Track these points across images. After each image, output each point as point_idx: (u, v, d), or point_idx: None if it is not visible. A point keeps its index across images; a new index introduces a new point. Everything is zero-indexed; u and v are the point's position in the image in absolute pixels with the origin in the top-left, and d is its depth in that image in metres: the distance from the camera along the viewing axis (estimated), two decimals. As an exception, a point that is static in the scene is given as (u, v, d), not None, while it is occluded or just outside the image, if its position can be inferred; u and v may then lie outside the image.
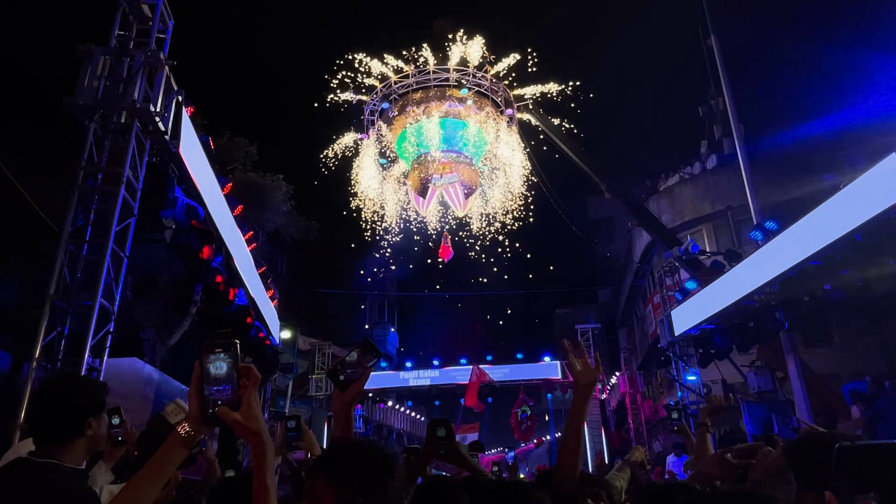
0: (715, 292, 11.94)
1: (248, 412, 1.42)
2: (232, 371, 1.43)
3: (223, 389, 1.42)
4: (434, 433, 2.51)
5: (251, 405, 1.42)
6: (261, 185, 17.91)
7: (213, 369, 1.43)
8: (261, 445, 1.43)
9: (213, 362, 1.44)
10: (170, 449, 1.46)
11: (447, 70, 16.74)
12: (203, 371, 1.42)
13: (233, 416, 1.40)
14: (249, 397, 1.43)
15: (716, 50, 14.10)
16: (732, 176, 15.84)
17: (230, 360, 1.44)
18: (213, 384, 1.43)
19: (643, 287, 23.63)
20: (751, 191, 12.82)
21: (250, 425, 1.41)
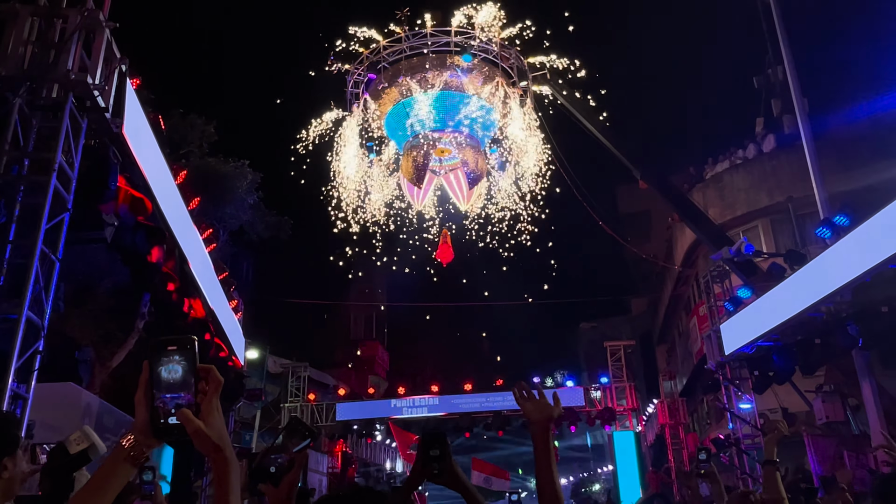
0: (773, 302, 11.94)
1: (209, 421, 1.42)
2: (189, 375, 1.43)
3: (178, 397, 1.42)
4: (427, 452, 2.52)
5: (212, 413, 1.43)
6: (221, 172, 17.96)
7: (166, 373, 1.42)
8: (224, 462, 1.44)
9: (166, 364, 1.43)
10: (112, 466, 1.45)
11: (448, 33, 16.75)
12: (153, 374, 1.42)
13: (195, 424, 1.40)
14: (210, 405, 1.43)
15: (773, 7, 14.11)
16: (794, 161, 15.84)
17: (186, 362, 1.43)
18: (166, 390, 1.42)
19: (686, 296, 23.63)
20: (817, 178, 12.82)
21: (211, 436, 1.42)
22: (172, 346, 1.44)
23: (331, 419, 24.49)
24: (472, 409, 24.05)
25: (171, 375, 1.42)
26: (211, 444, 1.42)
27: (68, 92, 6.80)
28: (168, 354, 1.44)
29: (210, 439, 1.42)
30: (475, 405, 24.12)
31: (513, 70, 18.07)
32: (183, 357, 1.44)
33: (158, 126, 9.36)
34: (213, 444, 1.42)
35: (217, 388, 1.45)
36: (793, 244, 16.18)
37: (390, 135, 18.99)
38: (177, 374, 1.43)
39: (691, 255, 21.58)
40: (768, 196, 18.45)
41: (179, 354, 1.44)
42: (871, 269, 9.36)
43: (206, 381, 1.45)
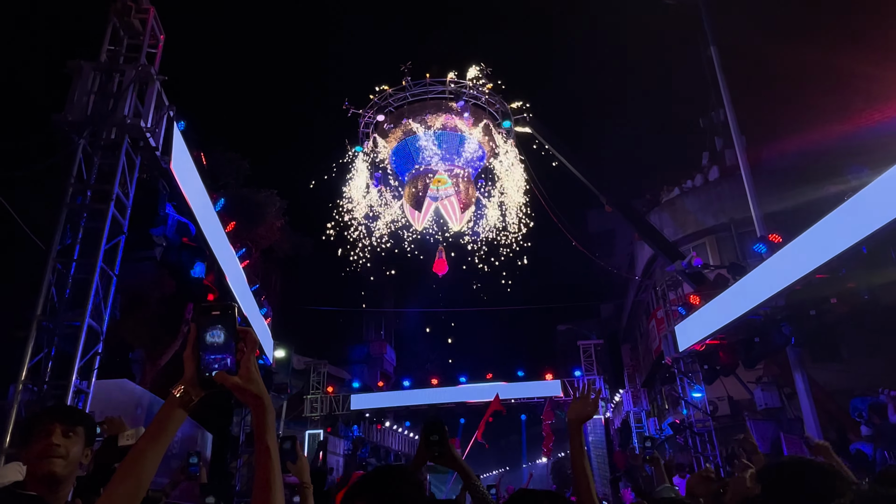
0: (719, 307, 11.94)
1: (248, 375, 1.43)
2: (229, 339, 1.43)
3: (221, 358, 1.42)
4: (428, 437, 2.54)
5: (250, 369, 1.44)
6: (254, 200, 17.97)
7: (209, 337, 1.42)
8: (261, 408, 1.45)
9: (209, 329, 1.43)
10: (168, 411, 1.46)
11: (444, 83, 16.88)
12: (198, 337, 1.42)
13: (232, 380, 1.41)
14: (248, 361, 1.44)
15: (715, 60, 14.25)
16: (735, 188, 15.92)
17: (228, 326, 1.43)
18: (210, 352, 1.42)
19: (646, 302, 23.62)
20: (753, 202, 12.88)
21: (250, 388, 1.43)
22: (216, 311, 1.44)
23: (346, 408, 24.35)
24: (466, 399, 23.95)
25: (214, 340, 1.43)
26: (250, 394, 1.43)
27: (124, 134, 6.83)
28: (212, 318, 1.44)
29: (249, 390, 1.43)
30: (469, 395, 24.02)
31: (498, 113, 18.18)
32: (224, 322, 1.44)
33: (200, 162, 9.37)
34: (252, 394, 1.43)
35: (253, 347, 1.47)
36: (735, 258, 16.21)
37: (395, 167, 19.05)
38: (219, 338, 1.43)
39: (650, 268, 21.61)
40: (714, 217, 18.51)
41: (221, 318, 1.44)
42: (800, 279, 9.39)
43: (244, 341, 1.46)
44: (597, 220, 31.01)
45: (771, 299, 10.28)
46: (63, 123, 6.59)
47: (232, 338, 1.43)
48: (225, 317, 1.44)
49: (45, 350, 5.93)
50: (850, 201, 8.34)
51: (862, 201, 8.13)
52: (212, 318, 1.43)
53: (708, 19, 14.70)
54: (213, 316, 1.44)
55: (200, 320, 1.43)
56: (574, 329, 33.58)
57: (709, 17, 14.72)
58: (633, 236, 22.72)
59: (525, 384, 24.07)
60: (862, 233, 7.99)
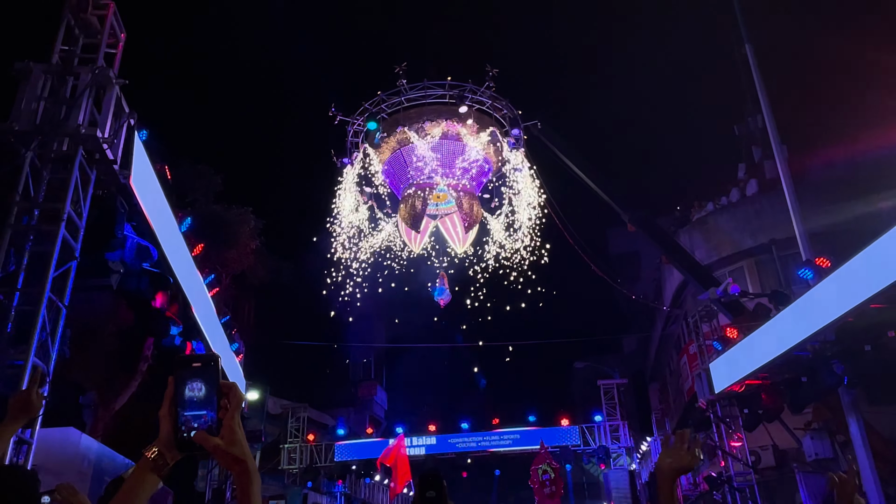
0: (760, 341, 11.90)
1: (231, 437, 1.44)
2: (211, 393, 1.44)
3: (201, 414, 1.43)
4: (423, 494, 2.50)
5: (234, 429, 1.45)
6: (225, 219, 18.03)
7: (189, 391, 1.44)
8: (246, 474, 1.46)
9: (190, 382, 1.44)
10: (139, 476, 1.49)
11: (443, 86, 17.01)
12: (177, 392, 1.44)
13: (213, 442, 1.42)
14: (231, 420, 1.46)
15: (751, 59, 14.40)
16: (775, 203, 15.97)
17: (210, 380, 1.45)
18: (190, 408, 1.43)
19: (676, 335, 23.55)
20: (797, 220, 12.90)
21: (233, 451, 1.44)
22: (197, 363, 1.46)
23: (330, 459, 24.11)
24: (469, 449, 23.75)
25: (195, 394, 1.44)
26: (232, 458, 1.45)
27: (78, 145, 6.88)
28: (192, 372, 1.45)
29: (231, 454, 1.44)
30: (472, 444, 23.83)
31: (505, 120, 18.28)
32: (206, 375, 1.45)
33: (165, 176, 9.43)
34: (235, 457, 1.45)
35: (238, 405, 1.48)
36: (777, 284, 16.21)
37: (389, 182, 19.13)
38: (200, 392, 1.44)
39: (680, 295, 21.58)
40: (752, 238, 18.54)
41: (203, 372, 1.45)
42: (853, 309, 9.36)
43: (227, 397, 1.47)
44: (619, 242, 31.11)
45: (819, 332, 10.24)
46: (8, 133, 6.64)
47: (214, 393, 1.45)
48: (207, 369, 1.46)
49: (-19, 394, 5.90)
50: (908, 220, 8.37)
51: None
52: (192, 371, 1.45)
53: (742, 14, 14.90)
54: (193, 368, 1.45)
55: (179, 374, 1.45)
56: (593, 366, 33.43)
57: (743, 12, 14.93)
58: (659, 259, 22.75)
59: (537, 432, 23.87)
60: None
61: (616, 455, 22.93)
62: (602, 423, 23.24)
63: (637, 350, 33.29)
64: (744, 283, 17.25)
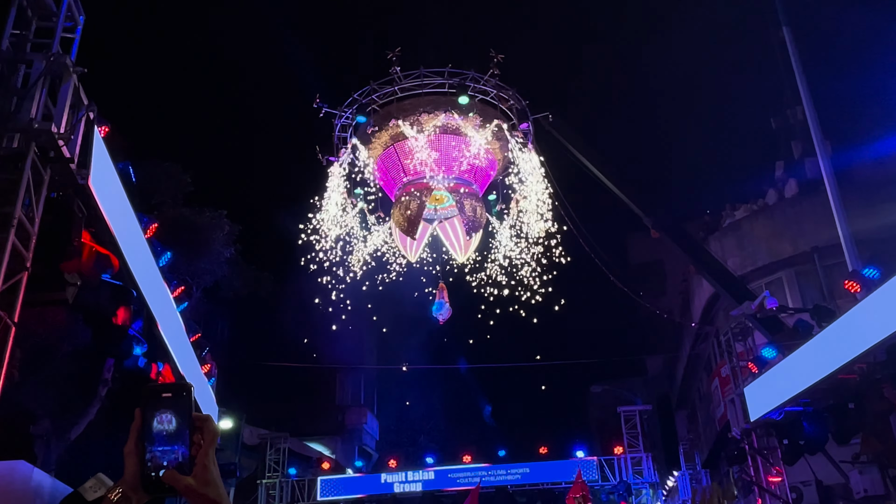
0: (801, 362, 11.91)
1: (205, 476, 1.45)
2: (183, 426, 1.45)
3: (172, 450, 1.44)
4: None
5: (208, 467, 1.46)
6: (196, 223, 18.07)
7: (158, 423, 1.45)
8: None
9: (159, 414, 1.45)
10: None
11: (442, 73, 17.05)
12: (144, 424, 1.44)
13: (185, 482, 1.42)
14: (205, 457, 1.46)
15: (789, 44, 14.47)
16: (818, 206, 15.99)
17: (181, 412, 1.46)
18: (159, 443, 1.44)
19: (706, 355, 23.54)
20: (842, 225, 12.94)
21: (208, 493, 1.44)
22: (167, 394, 1.47)
23: (313, 497, 24.05)
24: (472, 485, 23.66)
25: (165, 427, 1.45)
26: (206, 500, 1.45)
27: (31, 142, 6.89)
28: (162, 403, 1.46)
29: (204, 495, 1.44)
30: (475, 480, 23.74)
31: (512, 111, 18.32)
32: (177, 406, 1.46)
33: (129, 177, 9.46)
34: (209, 499, 1.45)
35: (213, 440, 1.49)
36: (820, 298, 16.21)
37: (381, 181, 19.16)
38: (171, 425, 1.45)
39: (710, 311, 21.57)
40: (792, 245, 18.56)
41: (174, 403, 1.46)
42: (906, 326, 9.39)
43: (201, 432, 1.47)
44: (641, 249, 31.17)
45: (869, 352, 10.25)
46: (-49, 128, 6.67)
47: (186, 426, 1.45)
48: (178, 400, 1.47)
49: (-81, 422, 5.91)
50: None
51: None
52: (162, 402, 1.46)
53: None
54: (163, 399, 1.46)
55: (148, 405, 1.46)
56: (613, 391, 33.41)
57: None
58: (687, 270, 22.76)
59: (549, 465, 23.82)
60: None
61: (639, 492, 22.87)
62: (623, 455, 23.19)
63: (662, 372, 33.27)
64: (782, 297, 17.26)
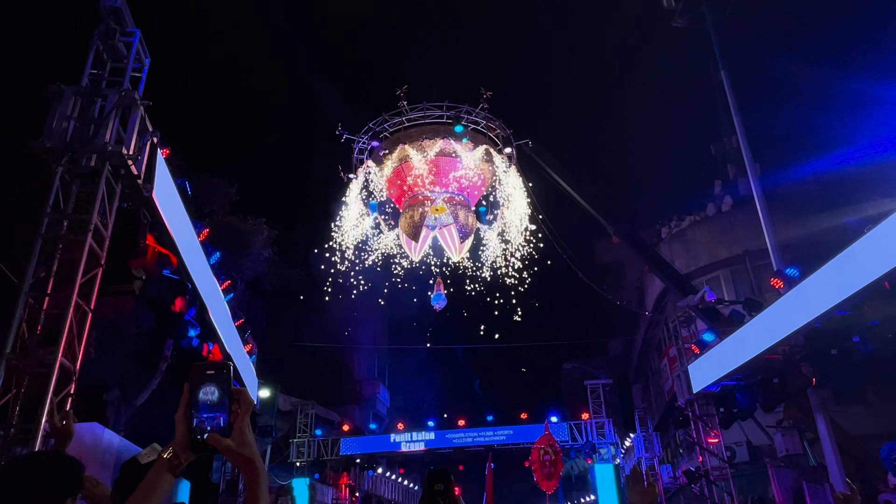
0: (735, 345, 11.92)
1: (241, 438, 1.46)
2: (224, 397, 1.47)
3: (214, 417, 1.46)
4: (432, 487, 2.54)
5: (244, 431, 1.47)
6: (240, 229, 18.05)
7: (203, 395, 1.46)
8: (254, 473, 1.49)
9: (204, 386, 1.47)
10: (155, 475, 1.50)
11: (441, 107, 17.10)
12: (192, 396, 1.46)
13: (225, 443, 1.45)
14: (242, 423, 1.48)
15: (726, 84, 14.49)
16: (749, 217, 16.03)
17: (222, 385, 1.47)
18: (204, 411, 1.46)
19: (657, 338, 23.55)
20: (769, 233, 12.96)
21: (243, 452, 1.46)
22: (210, 371, 1.48)
23: (335, 454, 24.03)
24: (465, 444, 23.68)
25: (209, 397, 1.46)
26: (242, 458, 1.47)
27: (105, 161, 6.91)
28: (206, 378, 1.48)
29: (241, 454, 1.46)
30: (468, 440, 23.76)
31: (499, 138, 18.37)
32: (219, 380, 1.48)
33: (185, 190, 9.46)
34: (244, 458, 1.47)
35: (248, 409, 1.50)
36: (750, 292, 16.24)
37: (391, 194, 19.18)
38: (213, 396, 1.46)
39: (661, 302, 21.60)
40: (727, 249, 18.59)
41: (216, 378, 1.48)
42: (820, 316, 9.39)
43: (238, 402, 1.49)
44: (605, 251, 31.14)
45: (790, 337, 10.27)
46: (40, 150, 6.67)
47: (226, 397, 1.47)
48: (220, 376, 1.48)
49: (13, 390, 5.90)
50: (871, 233, 8.40)
51: (884, 233, 8.20)
52: (206, 377, 1.48)
53: (718, 42, 15.01)
54: (207, 375, 1.48)
55: (194, 379, 1.47)
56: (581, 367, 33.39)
57: (719, 40, 15.04)
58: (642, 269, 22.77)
59: (528, 428, 23.80)
60: (885, 267, 8.04)
61: (602, 450, 22.88)
62: (589, 420, 23.19)
63: (621, 352, 33.28)
64: (720, 291, 17.28)
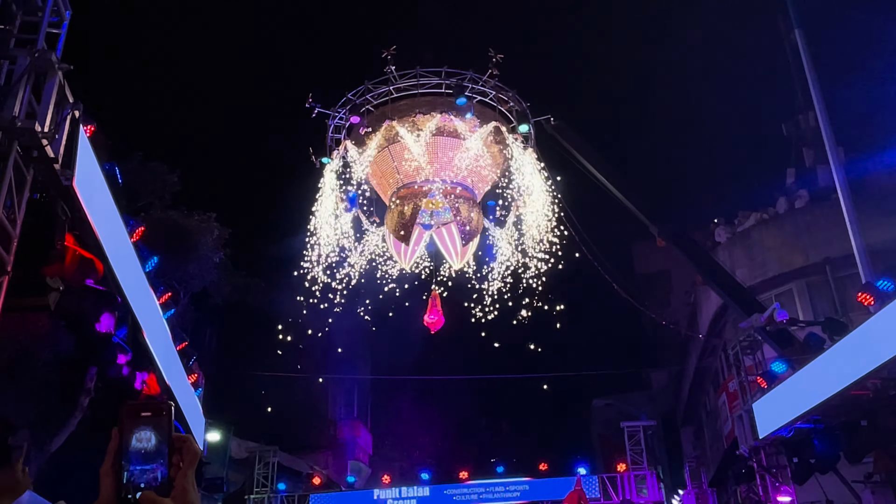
0: (812, 377, 11.92)
1: (184, 498, 1.46)
2: (162, 445, 1.47)
3: (150, 470, 1.45)
4: None
5: (187, 489, 1.47)
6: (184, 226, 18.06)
7: (137, 442, 1.46)
8: None
9: (138, 431, 1.47)
10: None
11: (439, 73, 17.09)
12: (122, 443, 1.46)
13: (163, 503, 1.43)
14: (184, 478, 1.47)
15: (801, 47, 14.53)
16: (830, 216, 16.05)
17: (161, 430, 1.48)
18: (136, 462, 1.45)
19: (713, 369, 23.55)
20: (855, 235, 12.97)
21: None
22: (146, 412, 1.49)
23: (304, 514, 24.03)
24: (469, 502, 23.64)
25: (143, 444, 1.46)
26: None
27: (13, 140, 6.89)
28: (140, 421, 1.48)
29: None
30: (473, 497, 23.72)
31: (512, 113, 18.34)
32: (157, 424, 1.48)
33: (115, 178, 9.47)
34: None
35: (193, 461, 1.50)
36: (832, 310, 16.24)
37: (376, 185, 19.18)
38: (150, 443, 1.47)
39: (717, 323, 21.60)
40: (803, 256, 18.61)
41: (153, 421, 1.48)
42: (920, 341, 9.41)
43: (181, 452, 1.49)
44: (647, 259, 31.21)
45: (882, 367, 10.26)
46: (-70, 126, 6.67)
47: (165, 445, 1.47)
48: (158, 418, 1.49)
49: None
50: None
51: None
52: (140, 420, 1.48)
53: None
54: (141, 417, 1.48)
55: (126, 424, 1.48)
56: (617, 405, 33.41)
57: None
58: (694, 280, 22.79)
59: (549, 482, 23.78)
60: None
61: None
62: (627, 472, 23.16)
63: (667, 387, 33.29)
64: (793, 309, 17.29)
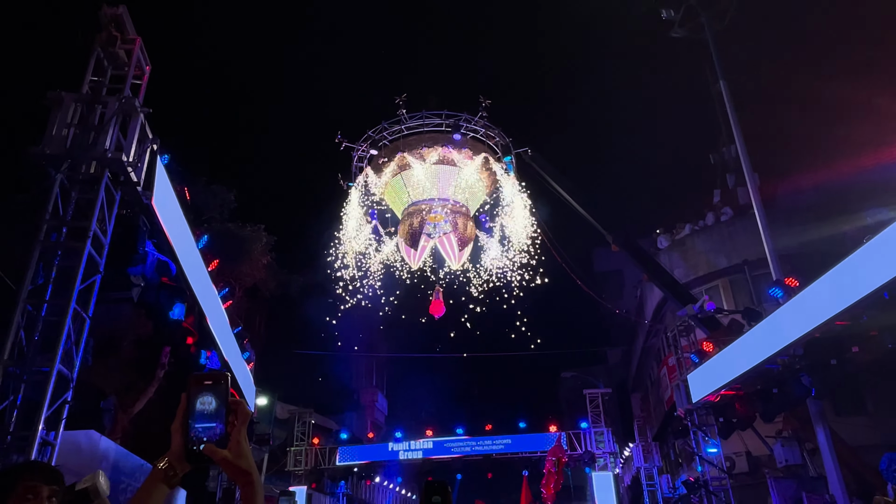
0: (734, 354, 11.92)
1: (238, 450, 1.46)
2: (221, 407, 1.47)
3: (211, 427, 1.46)
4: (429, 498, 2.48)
5: (240, 442, 1.47)
6: (239, 236, 18.05)
7: (200, 404, 1.47)
8: (250, 485, 1.48)
9: (201, 396, 1.47)
10: (149, 486, 1.49)
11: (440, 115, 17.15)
12: (189, 405, 1.46)
13: (221, 454, 1.44)
14: (239, 434, 1.48)
15: (725, 94, 14.57)
16: (748, 227, 16.07)
17: (220, 396, 1.48)
18: (200, 420, 1.46)
19: (656, 347, 23.54)
20: (768, 243, 12.99)
21: (240, 464, 1.46)
22: (208, 381, 1.49)
23: (332, 462, 23.95)
24: (463, 453, 23.61)
25: (206, 407, 1.47)
26: (238, 469, 1.46)
27: (105, 168, 6.92)
28: (204, 388, 1.48)
29: (238, 466, 1.46)
30: (466, 449, 23.69)
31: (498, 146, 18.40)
32: (217, 391, 1.48)
33: (184, 196, 9.47)
34: (241, 470, 1.46)
35: (245, 420, 1.50)
36: (750, 302, 16.24)
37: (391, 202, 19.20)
38: (210, 406, 1.47)
39: (660, 311, 21.59)
40: (727, 259, 18.62)
41: (214, 389, 1.49)
42: (819, 326, 9.40)
43: (235, 413, 1.49)
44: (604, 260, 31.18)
45: (789, 347, 10.27)
46: (40, 157, 6.67)
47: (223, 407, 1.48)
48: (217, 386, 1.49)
49: (10, 398, 5.89)
50: (870, 243, 8.42)
51: (884, 243, 8.21)
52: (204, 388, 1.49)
53: (717, 52, 15.09)
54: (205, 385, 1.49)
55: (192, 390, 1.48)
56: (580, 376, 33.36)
57: (717, 50, 15.12)
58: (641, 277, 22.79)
59: (526, 437, 23.74)
60: (884, 277, 8.05)
61: (600, 460, 22.81)
62: (587, 429, 23.13)
63: (620, 362, 33.24)
64: (719, 301, 17.29)
